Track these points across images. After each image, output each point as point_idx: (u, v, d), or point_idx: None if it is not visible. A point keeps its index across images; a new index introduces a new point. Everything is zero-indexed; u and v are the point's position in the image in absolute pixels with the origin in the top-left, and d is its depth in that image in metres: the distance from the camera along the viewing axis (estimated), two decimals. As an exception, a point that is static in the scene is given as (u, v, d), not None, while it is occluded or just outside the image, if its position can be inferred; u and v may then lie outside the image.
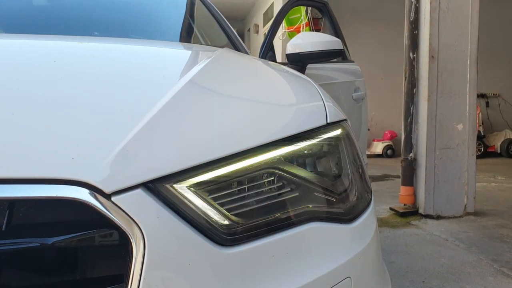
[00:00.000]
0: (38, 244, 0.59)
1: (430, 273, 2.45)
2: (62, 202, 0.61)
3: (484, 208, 3.95)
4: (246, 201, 0.74)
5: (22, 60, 0.96)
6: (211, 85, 0.96)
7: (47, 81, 0.84)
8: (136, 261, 0.62)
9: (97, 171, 0.63)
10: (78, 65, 0.97)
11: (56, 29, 1.70)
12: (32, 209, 0.61)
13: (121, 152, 0.66)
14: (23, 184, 0.60)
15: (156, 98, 0.79)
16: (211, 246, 0.67)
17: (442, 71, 3.69)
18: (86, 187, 0.61)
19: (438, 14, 3.67)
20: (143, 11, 2.10)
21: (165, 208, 0.65)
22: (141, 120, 0.72)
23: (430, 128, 3.69)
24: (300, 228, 0.77)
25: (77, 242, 0.61)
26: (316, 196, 0.83)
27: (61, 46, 1.13)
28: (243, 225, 0.72)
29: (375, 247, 0.93)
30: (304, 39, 2.10)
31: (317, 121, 0.89)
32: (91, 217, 0.61)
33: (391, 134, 8.72)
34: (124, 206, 0.62)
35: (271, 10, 9.51)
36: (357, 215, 0.89)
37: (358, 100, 2.80)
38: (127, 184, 0.63)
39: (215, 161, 0.72)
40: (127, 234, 0.62)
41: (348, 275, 0.80)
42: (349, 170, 0.92)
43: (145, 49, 1.23)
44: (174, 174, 0.68)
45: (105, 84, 0.87)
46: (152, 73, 0.98)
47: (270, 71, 1.24)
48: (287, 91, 1.08)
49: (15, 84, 0.80)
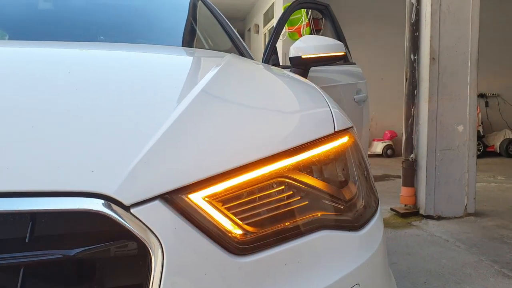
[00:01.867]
0: (61, 255, 0.61)
1: (431, 274, 2.47)
2: (82, 214, 0.63)
3: (484, 209, 3.97)
4: (258, 210, 0.76)
5: (38, 71, 0.98)
6: (222, 94, 0.98)
7: (63, 93, 0.85)
8: (155, 271, 0.64)
9: (116, 184, 0.65)
10: (92, 76, 0.98)
11: (61, 34, 1.72)
12: (53, 222, 0.63)
13: (139, 164, 0.68)
14: (45, 197, 0.62)
15: (171, 109, 0.81)
16: (226, 255, 0.69)
17: (443, 73, 3.71)
18: (106, 199, 0.63)
19: (439, 16, 3.68)
20: (147, 15, 2.12)
21: (181, 219, 0.67)
22: (157, 132, 0.73)
23: (430, 130, 3.71)
24: (311, 237, 0.79)
25: (98, 253, 0.63)
26: (325, 204, 0.84)
27: (72, 54, 1.14)
28: (256, 234, 0.74)
29: (382, 254, 0.95)
30: (307, 43, 2.11)
31: (325, 130, 0.91)
32: (111, 229, 0.63)
33: (391, 134, 8.73)
34: (142, 218, 0.64)
35: (272, 10, 9.52)
36: (365, 222, 0.90)
37: (360, 102, 2.81)
38: (146, 196, 0.65)
39: (229, 172, 0.73)
40: (146, 245, 0.64)
41: (357, 282, 0.82)
42: (356, 177, 0.93)
43: (156, 56, 1.25)
44: (190, 185, 0.70)
45: (120, 95, 0.89)
46: (164, 82, 1.00)
47: (277, 78, 1.27)
48: (295, 99, 1.10)
49: (33, 97, 0.82)
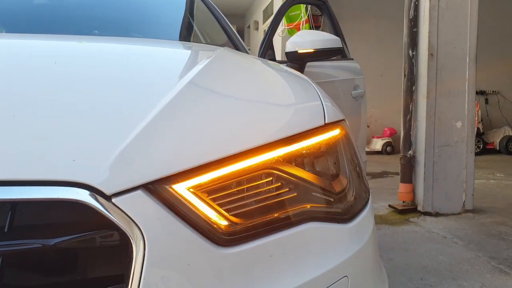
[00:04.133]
0: (40, 245, 0.60)
1: (428, 270, 2.47)
2: (63, 204, 0.62)
3: (483, 206, 3.96)
4: (245, 201, 0.75)
5: (23, 61, 0.97)
6: (210, 86, 0.96)
7: (47, 83, 0.84)
8: (136, 261, 0.63)
9: (97, 173, 0.64)
10: (78, 66, 0.97)
11: (56, 28, 1.71)
12: (34, 211, 0.62)
13: (121, 154, 0.67)
14: (25, 186, 0.61)
15: (156, 100, 0.80)
16: (210, 246, 0.68)
17: (441, 68, 3.70)
18: (87, 188, 0.62)
19: (437, 12, 3.67)
20: (143, 9, 2.10)
21: (164, 209, 0.66)
22: (141, 122, 0.72)
23: (429, 126, 3.70)
24: (298, 228, 0.78)
25: (78, 243, 0.62)
26: (314, 196, 0.83)
27: (61, 46, 1.13)
28: (242, 226, 0.73)
29: (373, 246, 0.94)
30: (304, 37, 2.09)
31: (315, 122, 0.90)
32: (92, 219, 0.62)
33: (390, 131, 8.72)
34: (124, 207, 0.63)
35: (271, 7, 9.50)
36: (355, 214, 0.90)
37: (358, 98, 2.80)
38: (128, 185, 0.64)
39: (214, 162, 0.73)
40: (127, 235, 0.63)
41: (345, 275, 0.81)
42: (347, 170, 0.92)
43: (145, 49, 1.24)
44: (173, 176, 0.69)
45: (105, 85, 0.87)
46: (152, 74, 0.99)
47: (268, 71, 1.25)
48: (285, 91, 1.09)
49: (15, 86, 0.81)
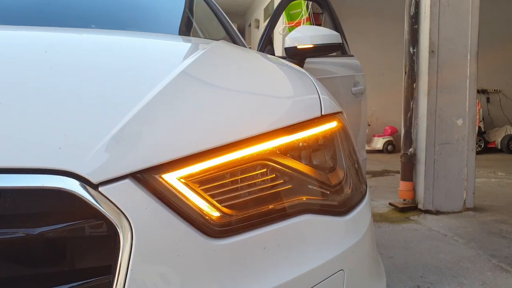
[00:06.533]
0: (24, 234, 0.58)
1: (428, 268, 2.45)
2: (49, 193, 0.60)
3: (484, 204, 3.94)
4: (238, 192, 0.73)
5: (12, 50, 0.95)
6: (204, 76, 0.94)
7: (36, 71, 0.82)
8: (123, 252, 0.61)
9: (84, 161, 0.62)
10: (68, 55, 0.95)
11: (53, 21, 1.69)
12: (19, 200, 0.60)
13: (109, 142, 0.65)
14: (10, 174, 0.59)
15: (147, 88, 0.78)
16: (201, 237, 0.67)
17: (442, 66, 3.67)
18: (74, 177, 0.61)
19: (438, 9, 3.64)
20: (141, 4, 2.08)
21: (153, 199, 0.65)
22: (130, 111, 0.71)
23: (429, 123, 3.68)
24: (293, 220, 0.76)
25: (64, 232, 0.60)
26: (310, 188, 0.81)
27: (53, 37, 1.11)
28: (234, 217, 0.71)
29: (370, 240, 0.92)
30: (303, 33, 2.08)
31: (311, 113, 0.88)
32: (79, 208, 0.60)
33: (391, 129, 8.70)
34: (111, 197, 0.61)
35: (272, 5, 9.48)
36: (352, 207, 0.88)
37: (358, 95, 2.78)
38: (115, 174, 0.63)
39: (206, 152, 0.71)
40: (115, 225, 0.61)
41: (341, 268, 0.80)
42: (344, 162, 0.90)
43: (139, 41, 1.22)
44: (163, 165, 0.67)
45: (95, 74, 0.85)
46: (145, 63, 0.97)
47: (265, 62, 1.23)
48: (281, 82, 1.07)
49: (2, 74, 0.79)
